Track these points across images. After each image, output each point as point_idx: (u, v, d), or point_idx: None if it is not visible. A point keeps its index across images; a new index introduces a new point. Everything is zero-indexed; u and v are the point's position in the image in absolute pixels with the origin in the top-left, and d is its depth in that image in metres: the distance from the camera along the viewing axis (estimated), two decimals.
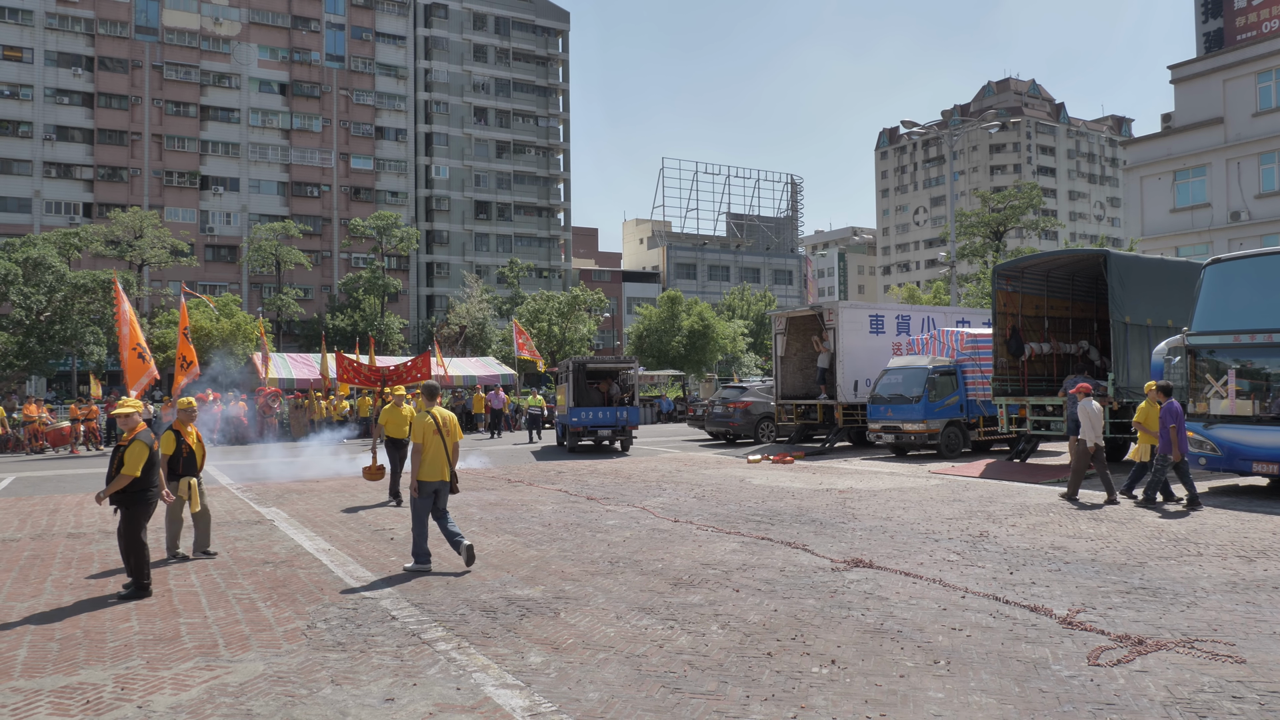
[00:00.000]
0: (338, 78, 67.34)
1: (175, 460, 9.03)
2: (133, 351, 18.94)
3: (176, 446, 9.01)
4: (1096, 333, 19.24)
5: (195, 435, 9.27)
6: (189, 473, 9.10)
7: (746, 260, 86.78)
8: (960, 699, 4.82)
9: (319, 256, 64.87)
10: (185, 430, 9.15)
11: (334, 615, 6.80)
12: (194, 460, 9.17)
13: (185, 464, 9.08)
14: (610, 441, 23.02)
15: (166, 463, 8.89)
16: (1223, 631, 5.98)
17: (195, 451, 9.19)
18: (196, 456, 9.21)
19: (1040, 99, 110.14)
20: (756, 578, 7.79)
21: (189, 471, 9.10)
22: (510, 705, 4.85)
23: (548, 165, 76.58)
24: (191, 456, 9.13)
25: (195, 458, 9.19)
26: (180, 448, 9.03)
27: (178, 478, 9.01)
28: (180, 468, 9.06)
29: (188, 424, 9.25)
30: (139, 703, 5.00)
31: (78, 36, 59.89)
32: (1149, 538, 9.40)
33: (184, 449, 9.05)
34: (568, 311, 50.71)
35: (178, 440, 9.04)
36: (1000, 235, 50.52)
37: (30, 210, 58.07)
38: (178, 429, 9.13)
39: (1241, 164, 30.34)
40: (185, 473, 9.06)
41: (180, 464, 9.06)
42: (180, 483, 8.98)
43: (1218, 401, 13.01)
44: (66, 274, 37.67)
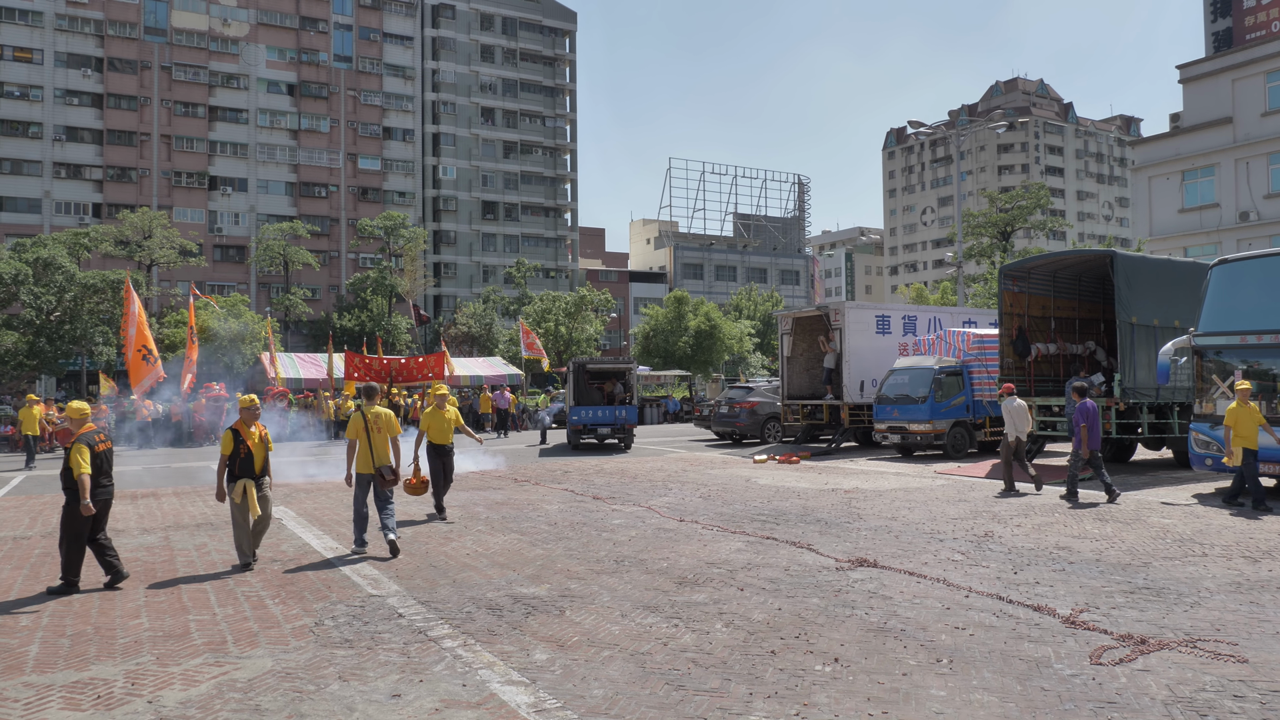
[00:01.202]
0: (345, 78, 67.55)
1: (233, 461, 8.50)
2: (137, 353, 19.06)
3: (234, 446, 8.47)
4: (1103, 333, 19.22)
5: (258, 435, 8.63)
6: (246, 474, 8.50)
7: (753, 260, 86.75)
8: (962, 697, 4.85)
9: (326, 256, 65.09)
10: (246, 430, 8.57)
11: (341, 613, 6.86)
12: (251, 462, 8.52)
13: (242, 465, 8.49)
14: (611, 439, 23.54)
15: (225, 463, 8.44)
16: (1226, 631, 6.00)
17: (254, 453, 8.55)
18: (255, 458, 8.55)
19: (1048, 99, 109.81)
20: (761, 577, 7.83)
21: (246, 473, 8.50)
22: (515, 702, 4.90)
23: (555, 165, 76.67)
24: (249, 458, 8.51)
25: (253, 459, 8.54)
26: (238, 448, 8.47)
27: (235, 480, 8.49)
28: (238, 469, 8.50)
29: (250, 423, 8.63)
30: (149, 698, 5.06)
31: (87, 38, 60.21)
32: (1154, 538, 9.41)
33: (242, 449, 8.48)
34: (574, 312, 50.78)
35: (235, 440, 8.49)
36: (1008, 236, 50.39)
37: (40, 211, 58.40)
38: (238, 428, 8.57)
39: (1250, 164, 30.22)
40: (242, 474, 8.48)
41: (238, 465, 8.50)
42: (236, 485, 8.42)
43: (1224, 402, 12.98)
44: (76, 274, 37.90)
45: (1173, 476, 15.11)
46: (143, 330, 21.64)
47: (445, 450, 11.50)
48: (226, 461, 8.46)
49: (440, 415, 11.44)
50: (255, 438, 8.57)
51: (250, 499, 8.36)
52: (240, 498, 8.36)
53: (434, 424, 11.40)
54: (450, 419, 11.48)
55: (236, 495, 8.37)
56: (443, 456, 11.46)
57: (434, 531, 10.55)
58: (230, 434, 8.49)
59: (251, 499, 8.37)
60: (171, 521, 11.74)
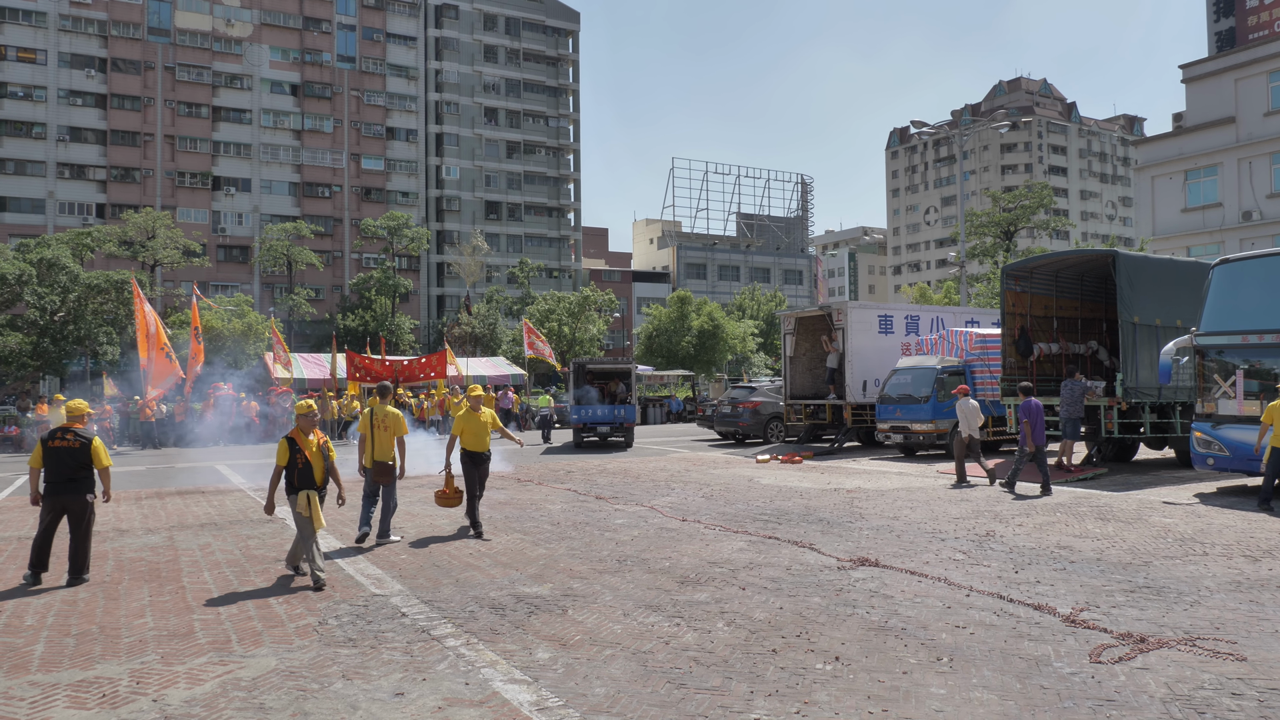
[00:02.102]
0: (349, 78, 67.66)
1: (289, 472, 7.91)
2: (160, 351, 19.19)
3: (290, 456, 7.89)
4: (1105, 333, 19.23)
5: (316, 444, 8.00)
6: (306, 486, 7.90)
7: (756, 260, 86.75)
8: (962, 695, 4.88)
9: (330, 257, 65.21)
10: (303, 438, 7.97)
11: (345, 612, 6.90)
12: (310, 472, 7.93)
13: (301, 476, 7.90)
14: (613, 437, 24.19)
15: (279, 474, 7.94)
16: (1225, 630, 6.02)
17: (313, 463, 7.96)
18: (314, 468, 7.96)
19: (1051, 98, 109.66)
20: (763, 576, 7.86)
21: (306, 484, 7.90)
22: (518, 700, 4.93)
23: (558, 165, 76.74)
24: (308, 468, 7.92)
25: (313, 469, 7.95)
26: (295, 458, 7.90)
27: (295, 491, 7.92)
28: (296, 480, 7.91)
29: (308, 430, 8.02)
30: (154, 696, 5.10)
31: (91, 38, 60.37)
32: (1155, 537, 9.42)
33: (299, 459, 7.91)
34: (578, 312, 50.82)
35: (291, 449, 7.90)
36: (1011, 235, 50.35)
37: (44, 211, 58.57)
38: (294, 436, 7.97)
39: (1253, 163, 30.19)
40: (303, 486, 7.89)
41: (295, 476, 7.91)
42: (299, 496, 7.86)
43: (1226, 402, 12.99)
44: (80, 274, 37.99)
45: (1175, 476, 15.11)
46: (161, 331, 21.76)
47: (481, 458, 10.31)
48: (282, 472, 7.94)
49: (475, 419, 10.25)
50: (313, 446, 7.99)
51: (315, 510, 7.84)
52: (306, 509, 7.81)
53: (469, 428, 10.21)
54: (487, 422, 10.35)
55: (301, 507, 7.82)
56: (479, 465, 10.28)
57: (435, 532, 10.58)
58: (285, 443, 7.92)
59: (316, 510, 7.85)
60: (175, 521, 11.78)
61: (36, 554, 8.10)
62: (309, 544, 7.82)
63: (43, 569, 8.13)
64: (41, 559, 8.12)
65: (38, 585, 8.02)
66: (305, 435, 7.99)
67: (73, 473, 8.04)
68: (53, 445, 8.06)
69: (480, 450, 10.23)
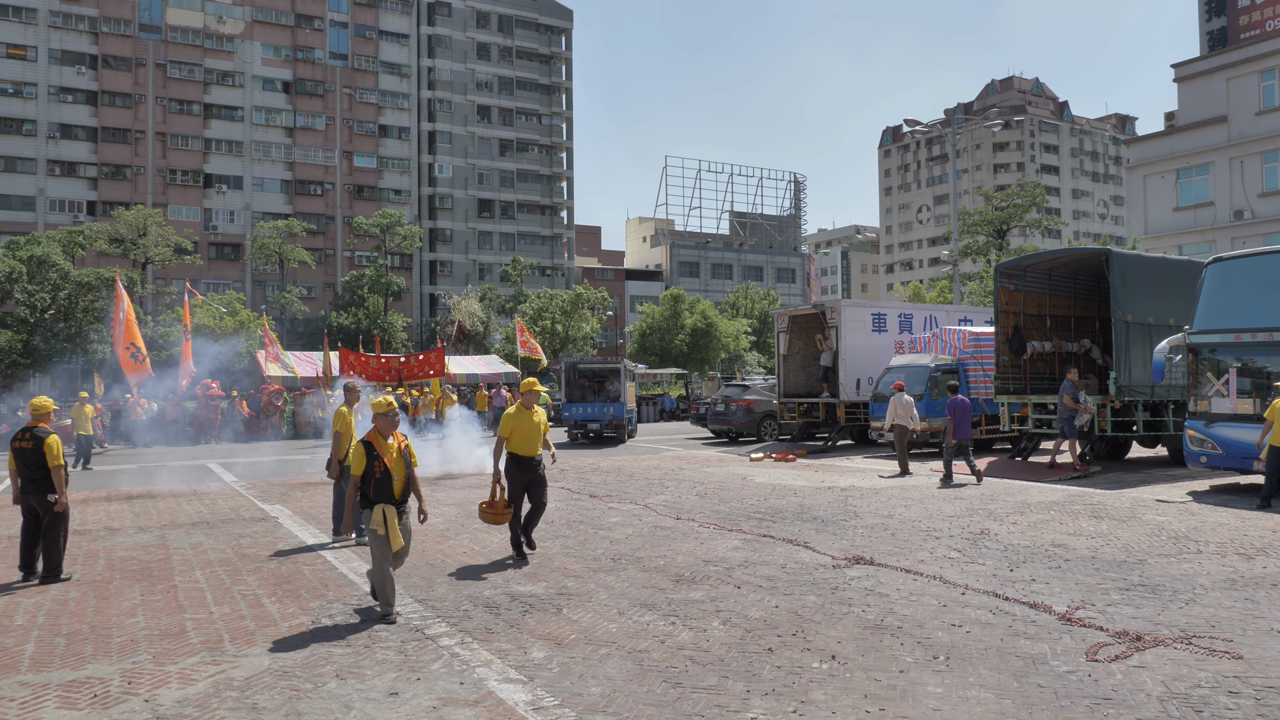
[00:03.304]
0: (341, 76, 67.40)
1: (366, 481, 6.58)
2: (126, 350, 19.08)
3: (368, 463, 6.56)
4: (1098, 331, 19.26)
5: (397, 448, 6.72)
6: (384, 498, 6.60)
7: (749, 259, 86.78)
8: (959, 694, 4.87)
9: (322, 255, 64.98)
10: (381, 442, 6.68)
11: (338, 611, 6.86)
12: (389, 482, 6.59)
13: (378, 487, 6.57)
14: (607, 433, 24.62)
15: (356, 486, 6.66)
16: (1221, 628, 6.02)
17: (392, 471, 6.61)
18: (394, 478, 6.61)
19: (1044, 97, 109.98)
20: (758, 574, 7.84)
21: (384, 497, 6.59)
22: (513, 699, 4.90)
23: (551, 163, 76.61)
24: (387, 478, 6.58)
25: (391, 479, 6.60)
26: (372, 465, 6.56)
27: (370, 505, 6.61)
28: (373, 491, 6.59)
29: (387, 433, 6.72)
30: (146, 696, 5.06)
31: (81, 35, 60.00)
32: (1149, 536, 9.43)
33: (377, 467, 6.56)
34: (571, 310, 50.74)
35: (369, 455, 6.57)
36: (1003, 234, 50.48)
37: (34, 208, 58.20)
38: (371, 440, 6.65)
39: (1245, 162, 30.30)
40: (379, 498, 6.58)
41: (373, 487, 6.58)
42: (375, 512, 6.55)
43: (1219, 400, 13.03)
44: (71, 272, 37.79)
45: (1168, 474, 15.15)
46: (131, 329, 21.64)
47: (532, 465, 8.69)
48: (359, 483, 6.62)
49: (528, 418, 8.61)
50: (394, 452, 6.68)
51: (392, 528, 6.53)
52: (382, 526, 6.53)
53: (519, 428, 8.57)
54: (540, 423, 8.72)
55: (376, 524, 6.51)
56: (529, 473, 8.68)
57: (430, 529, 10.53)
58: (361, 448, 6.62)
59: (393, 528, 6.54)
60: (167, 520, 11.71)
61: (21, 554, 8.19)
62: (385, 569, 6.55)
63: (30, 569, 8.13)
64: (26, 559, 8.17)
65: (28, 584, 7.99)
66: (384, 438, 6.69)
67: (31, 472, 8.09)
68: (15, 446, 8.17)
69: (531, 455, 8.65)
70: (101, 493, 14.78)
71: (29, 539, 8.16)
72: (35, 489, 8.08)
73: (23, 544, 8.17)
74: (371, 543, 6.59)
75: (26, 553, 8.15)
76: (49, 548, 8.09)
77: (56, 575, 8.08)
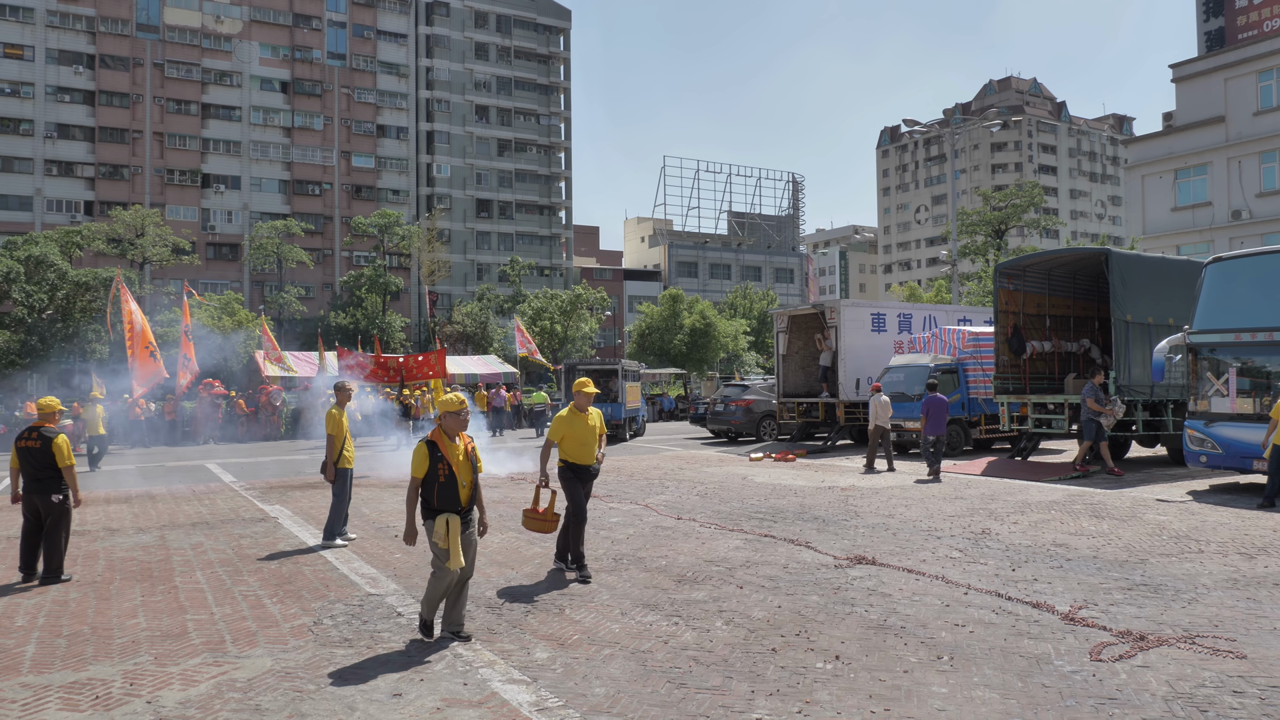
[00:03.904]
0: (339, 75, 67.33)
1: (428, 487, 5.92)
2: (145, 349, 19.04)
3: (430, 465, 5.90)
4: (1098, 331, 19.27)
5: (463, 450, 6.02)
6: (449, 506, 5.91)
7: (748, 259, 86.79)
8: (964, 694, 4.86)
9: (320, 255, 64.89)
10: (446, 442, 6.00)
11: (340, 612, 6.84)
12: (454, 488, 5.90)
13: (442, 493, 5.90)
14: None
15: (417, 489, 6.01)
16: (1224, 627, 6.02)
17: (459, 475, 5.93)
18: (460, 483, 5.93)
19: (1041, 98, 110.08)
20: (760, 574, 7.83)
21: (449, 505, 5.91)
22: (517, 700, 4.89)
23: (549, 163, 76.58)
24: (453, 482, 5.90)
25: (457, 484, 5.92)
26: (436, 468, 5.89)
27: (434, 514, 5.91)
28: (436, 499, 5.91)
29: (454, 433, 6.05)
30: (148, 698, 5.04)
31: (79, 34, 59.90)
32: (1150, 535, 9.44)
33: (442, 470, 5.89)
34: (570, 310, 50.73)
35: (432, 456, 5.91)
36: (1002, 234, 50.53)
37: (31, 208, 58.08)
38: (435, 440, 5.99)
39: (1243, 163, 30.34)
40: (444, 506, 5.90)
41: (436, 493, 5.91)
42: (437, 522, 5.84)
43: (1219, 400, 13.04)
44: (69, 272, 37.71)
45: (1167, 474, 15.16)
46: (146, 328, 21.63)
47: (588, 473, 7.96)
48: (419, 487, 5.97)
49: (582, 421, 7.88)
50: (460, 454, 5.99)
51: (454, 541, 5.82)
52: (444, 539, 5.83)
53: (572, 433, 7.86)
54: (596, 426, 7.99)
55: (439, 536, 5.82)
56: (584, 482, 7.96)
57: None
58: (424, 448, 5.95)
59: (454, 541, 5.82)
60: (167, 521, 11.69)
61: (21, 555, 8.16)
62: (443, 585, 5.91)
63: (31, 570, 8.11)
64: (27, 560, 8.13)
65: (29, 585, 7.96)
66: (450, 439, 6.02)
67: (37, 472, 8.05)
68: (20, 445, 8.13)
69: (586, 463, 7.88)
70: (100, 493, 14.74)
71: (29, 540, 8.13)
72: (40, 489, 8.04)
73: (23, 545, 8.14)
74: (435, 555, 5.89)
75: (27, 554, 8.12)
76: (50, 549, 8.06)
77: (57, 576, 8.05)
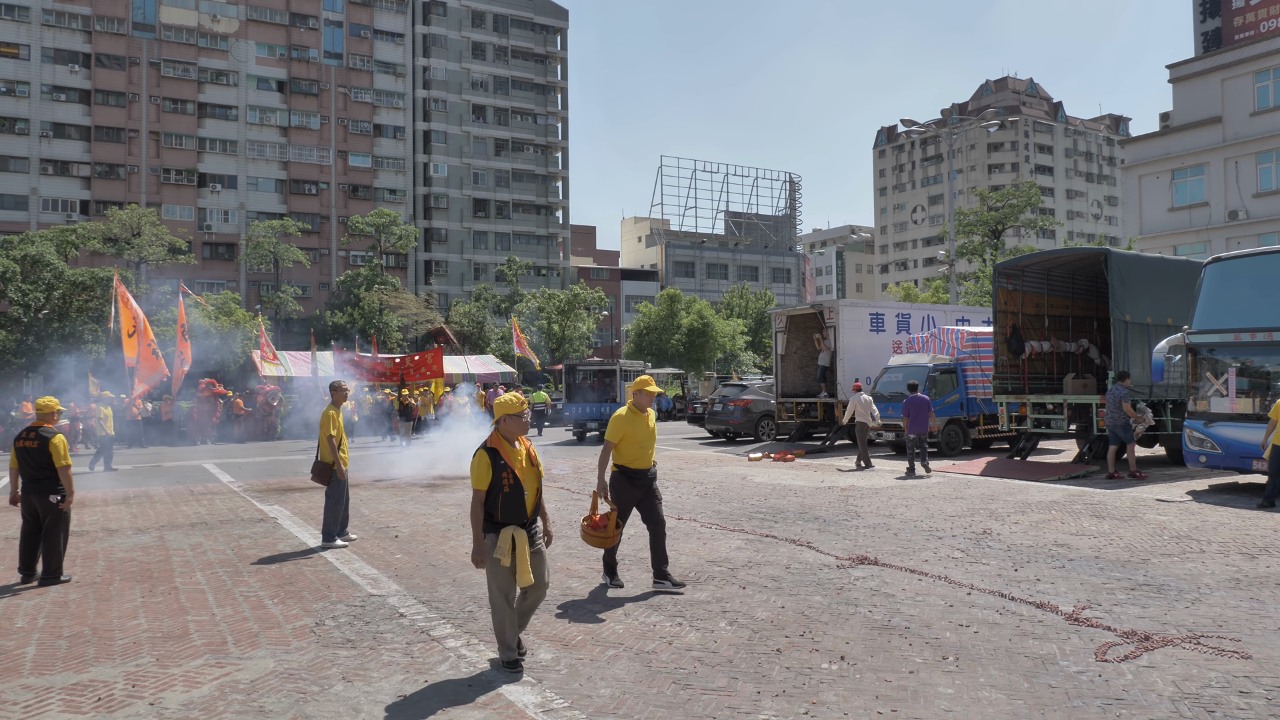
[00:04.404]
0: (336, 75, 67.22)
1: (491, 497, 5.25)
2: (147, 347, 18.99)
3: (494, 475, 5.25)
4: (1096, 331, 19.29)
5: (525, 455, 5.41)
6: (514, 519, 5.28)
7: (745, 258, 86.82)
8: (971, 694, 4.85)
9: (317, 254, 64.78)
10: (508, 447, 5.35)
11: (342, 612, 6.81)
12: (520, 498, 5.29)
13: (506, 505, 5.25)
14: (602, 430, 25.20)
15: (481, 502, 5.28)
16: (1228, 628, 6.01)
17: (523, 483, 5.32)
18: (525, 492, 5.32)
19: (1038, 98, 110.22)
20: (762, 575, 7.81)
21: (514, 517, 5.28)
22: (523, 702, 4.87)
23: (546, 163, 76.52)
24: (518, 491, 5.28)
25: (523, 494, 5.31)
26: (499, 477, 5.25)
27: (497, 528, 5.25)
28: (500, 510, 5.25)
29: (514, 437, 5.40)
30: (151, 700, 5.01)
31: (75, 33, 59.73)
32: (1151, 535, 9.44)
33: (505, 479, 5.25)
34: (568, 310, 50.70)
35: (495, 464, 5.26)
36: (999, 234, 50.60)
37: (27, 208, 57.91)
38: (495, 446, 5.32)
39: (1239, 163, 30.40)
40: (508, 519, 5.26)
41: (499, 504, 5.25)
42: (502, 536, 5.20)
43: (1218, 400, 13.05)
44: (65, 271, 37.59)
45: (1166, 474, 15.18)
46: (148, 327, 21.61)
47: (645, 478, 7.36)
48: (484, 500, 5.27)
49: (642, 423, 7.33)
50: (523, 459, 5.38)
51: (520, 557, 5.20)
52: (509, 556, 5.19)
53: (632, 434, 7.26)
54: (654, 429, 7.47)
55: (502, 552, 5.18)
56: (640, 486, 7.35)
57: (431, 530, 10.49)
58: (485, 456, 5.28)
59: (521, 557, 5.20)
60: (165, 521, 11.64)
61: (20, 555, 8.13)
62: (506, 610, 5.34)
63: (30, 570, 8.08)
64: (26, 560, 8.10)
65: (27, 586, 7.93)
66: (510, 444, 5.37)
67: (35, 473, 8.04)
68: (18, 445, 8.11)
69: (644, 467, 7.33)
70: (98, 494, 14.70)
71: (28, 540, 8.10)
72: (38, 489, 8.01)
73: (22, 545, 8.10)
74: (492, 576, 5.28)
75: (26, 554, 8.08)
76: (49, 549, 8.03)
77: (56, 577, 8.02)
